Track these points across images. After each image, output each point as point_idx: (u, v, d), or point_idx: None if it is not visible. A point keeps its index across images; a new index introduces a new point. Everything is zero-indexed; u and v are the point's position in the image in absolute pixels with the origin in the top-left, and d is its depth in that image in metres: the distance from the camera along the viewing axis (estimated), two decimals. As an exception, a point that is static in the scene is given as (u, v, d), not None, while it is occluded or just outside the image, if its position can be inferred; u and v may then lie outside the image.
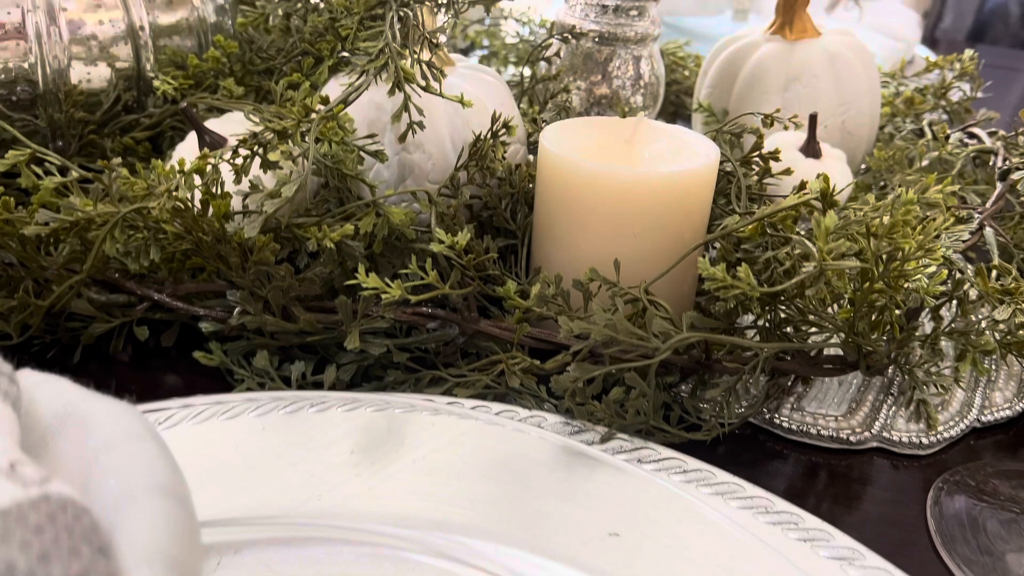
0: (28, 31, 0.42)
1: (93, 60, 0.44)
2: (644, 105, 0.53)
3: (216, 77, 0.47)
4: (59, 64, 0.43)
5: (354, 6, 0.41)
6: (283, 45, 0.46)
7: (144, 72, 0.46)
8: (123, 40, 0.45)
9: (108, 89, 0.45)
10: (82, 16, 0.44)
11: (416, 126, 0.37)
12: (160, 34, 0.47)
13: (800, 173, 0.45)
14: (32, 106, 0.44)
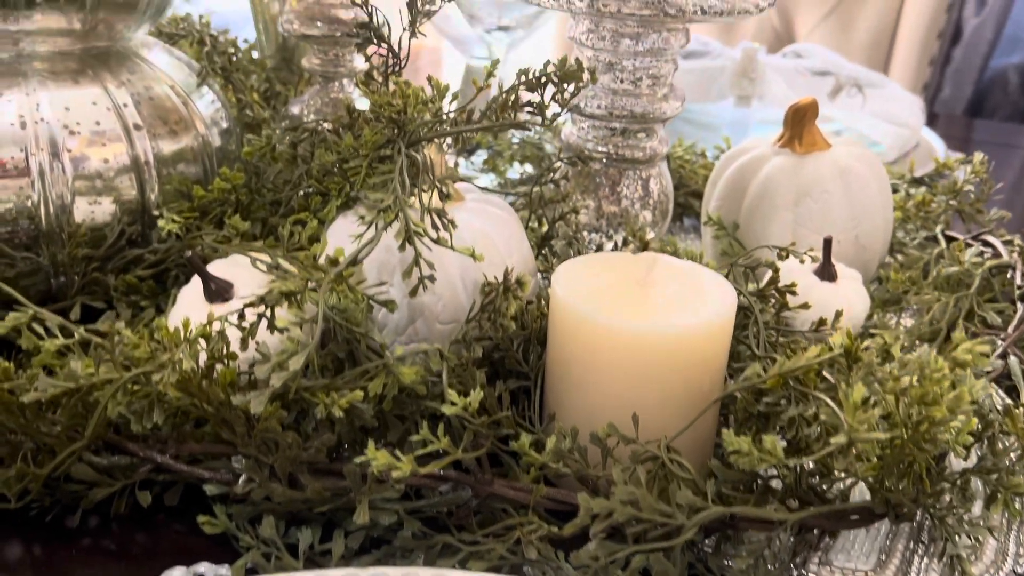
0: (31, 169, 0.42)
1: (97, 194, 0.44)
2: (654, 221, 0.52)
3: (222, 206, 0.47)
4: (63, 201, 0.43)
5: (362, 147, 0.40)
6: (289, 176, 0.46)
7: (148, 205, 0.46)
8: (127, 173, 0.45)
9: (112, 223, 0.45)
10: (85, 151, 0.43)
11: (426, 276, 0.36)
12: (164, 163, 0.46)
13: (816, 298, 0.44)
14: (35, 243, 0.43)
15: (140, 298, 0.44)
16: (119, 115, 0.44)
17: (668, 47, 0.47)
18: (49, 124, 0.42)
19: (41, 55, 0.44)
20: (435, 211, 0.37)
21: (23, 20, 0.42)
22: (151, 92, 0.46)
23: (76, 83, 0.44)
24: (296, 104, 0.52)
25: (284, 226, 0.41)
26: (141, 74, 0.47)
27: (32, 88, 0.42)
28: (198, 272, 0.39)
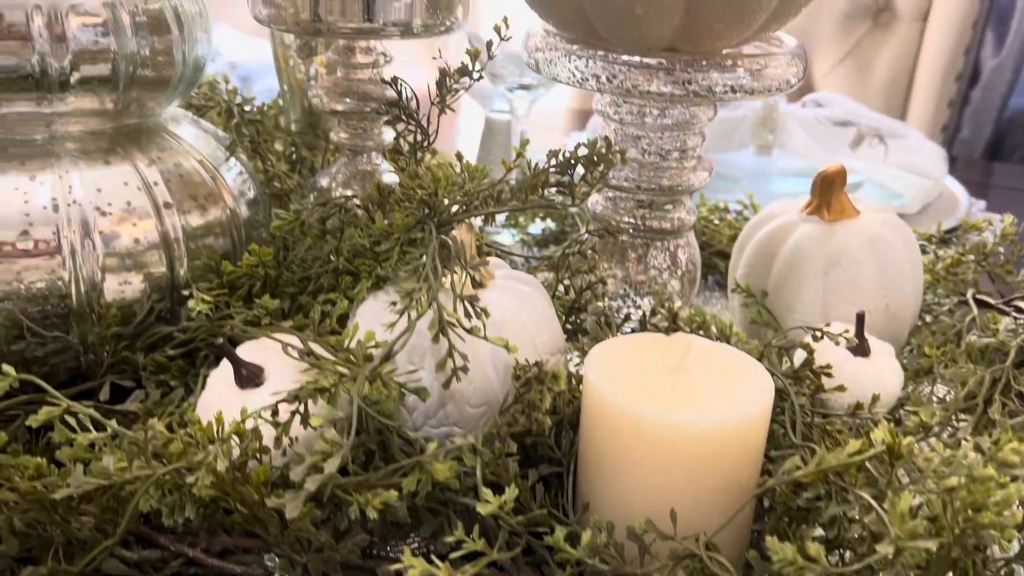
0: (63, 249, 0.42)
1: (127, 272, 0.44)
2: (682, 290, 0.52)
3: (251, 280, 0.47)
4: (93, 279, 0.43)
5: (394, 229, 0.40)
6: (319, 252, 0.46)
7: (178, 281, 0.46)
8: (156, 250, 0.45)
9: (141, 300, 0.45)
10: (116, 229, 0.44)
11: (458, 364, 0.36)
12: (193, 237, 0.46)
13: (850, 375, 0.43)
14: (65, 321, 0.43)
15: (169, 377, 0.44)
16: (149, 194, 0.44)
17: (696, 121, 0.47)
18: (81, 206, 0.42)
19: (73, 135, 0.45)
20: (468, 299, 0.36)
21: (57, 102, 0.42)
22: (181, 169, 0.47)
23: (107, 163, 0.44)
24: (324, 176, 0.52)
25: (315, 308, 0.41)
26: (171, 150, 0.47)
27: (65, 170, 0.43)
28: (229, 359, 0.39)
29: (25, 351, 0.43)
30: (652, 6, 0.39)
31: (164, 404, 0.42)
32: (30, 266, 0.41)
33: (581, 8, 0.41)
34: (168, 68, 0.45)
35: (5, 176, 0.42)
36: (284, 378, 0.39)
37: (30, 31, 0.40)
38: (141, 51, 0.44)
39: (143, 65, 0.44)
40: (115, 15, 0.42)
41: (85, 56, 0.42)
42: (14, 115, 0.42)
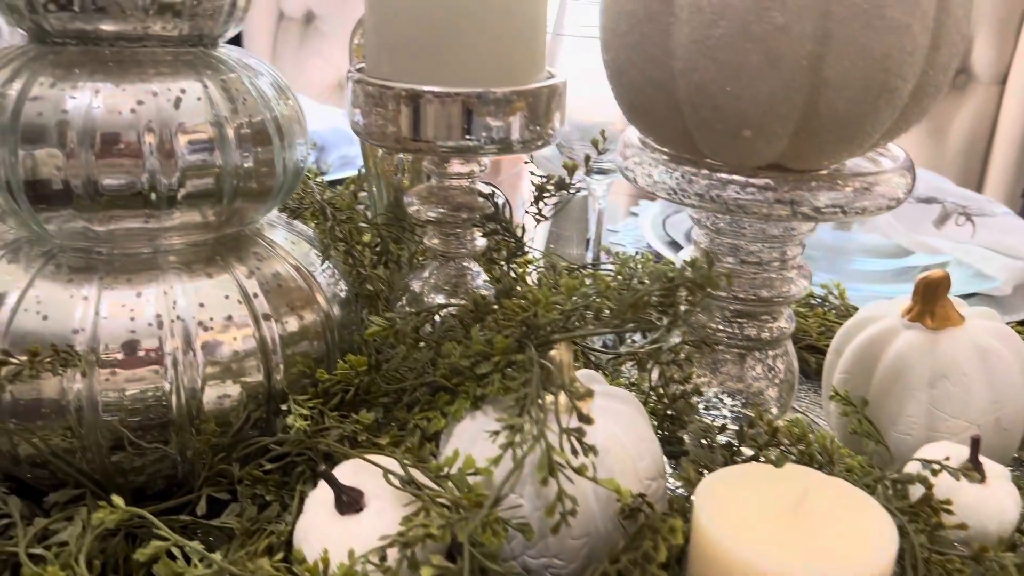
0: (165, 361, 0.42)
1: (225, 382, 0.44)
2: (779, 398, 0.50)
3: (343, 388, 0.47)
4: (194, 389, 0.43)
5: (494, 351, 0.40)
6: (413, 364, 0.45)
7: (274, 389, 0.46)
8: (254, 359, 0.45)
9: (238, 410, 0.45)
10: (216, 339, 0.44)
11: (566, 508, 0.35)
12: (289, 344, 0.46)
13: (965, 503, 0.41)
14: (164, 432, 0.43)
15: (265, 490, 0.44)
16: (249, 306, 0.45)
17: (796, 233, 0.46)
18: (184, 321, 0.43)
19: (175, 248, 0.45)
20: (575, 435, 0.36)
21: (164, 218, 0.43)
22: (279, 278, 0.47)
23: (209, 276, 0.45)
24: (415, 280, 0.52)
25: (413, 430, 0.40)
26: (268, 258, 0.48)
27: (169, 285, 0.43)
28: (331, 485, 0.38)
29: (123, 461, 0.44)
30: (761, 130, 0.38)
31: (260, 521, 0.42)
32: (132, 378, 0.42)
33: (685, 128, 0.41)
34: (270, 178, 0.46)
35: (112, 291, 0.43)
36: (385, 505, 0.38)
37: (141, 150, 0.41)
38: (245, 164, 0.44)
39: (247, 177, 0.45)
40: (221, 132, 0.43)
41: (192, 172, 0.43)
42: (122, 231, 0.43)
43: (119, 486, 0.45)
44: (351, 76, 0.46)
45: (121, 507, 0.35)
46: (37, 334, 0.42)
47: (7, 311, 0.42)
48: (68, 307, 0.42)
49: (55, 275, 0.43)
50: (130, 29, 0.43)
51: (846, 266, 0.87)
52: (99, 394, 0.42)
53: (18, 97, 0.41)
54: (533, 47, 0.45)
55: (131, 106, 0.41)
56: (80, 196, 0.41)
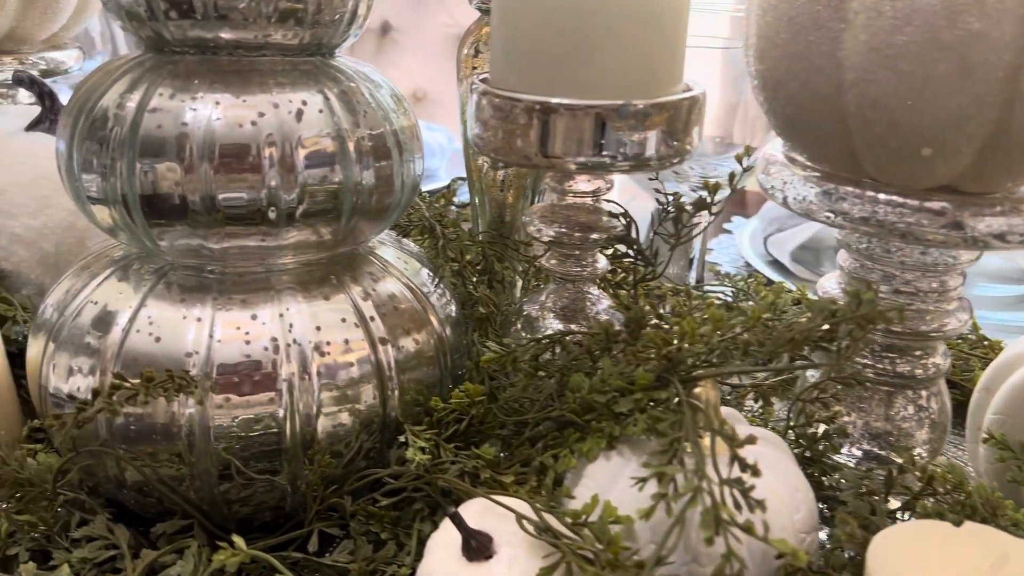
0: (280, 387, 0.40)
1: (339, 410, 0.42)
2: (930, 440, 0.46)
3: (458, 422, 0.44)
4: (309, 415, 0.41)
5: (635, 387, 0.37)
6: (535, 396, 0.42)
7: (388, 418, 0.43)
8: (369, 386, 0.42)
9: (351, 439, 0.42)
10: (332, 365, 0.41)
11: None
12: (404, 370, 0.44)
13: None
14: (275, 461, 0.41)
15: (379, 527, 0.41)
16: (366, 330, 0.42)
17: (958, 262, 0.42)
18: (300, 345, 0.40)
19: (288, 268, 0.43)
20: (734, 484, 0.32)
21: (280, 236, 0.41)
22: (395, 300, 0.44)
23: (326, 299, 0.42)
24: (531, 304, 0.49)
25: (542, 471, 0.37)
26: (383, 279, 0.45)
27: (285, 307, 0.41)
28: (459, 528, 0.35)
29: (231, 491, 0.41)
30: (943, 148, 0.35)
31: (377, 561, 0.39)
32: (246, 404, 0.40)
33: (850, 145, 0.37)
34: (388, 195, 0.43)
35: (227, 313, 0.40)
36: (518, 553, 0.35)
37: (261, 164, 0.39)
38: (364, 180, 0.42)
39: (366, 194, 0.42)
40: (342, 146, 0.41)
41: (312, 189, 0.40)
42: (236, 249, 0.41)
43: (225, 517, 0.43)
44: (475, 88, 0.44)
45: (243, 549, 0.32)
46: (150, 356, 0.40)
47: (119, 331, 0.40)
48: (181, 328, 0.40)
49: (167, 294, 0.41)
50: (250, 37, 0.41)
51: (968, 291, 0.81)
52: (211, 420, 0.39)
53: (137, 108, 0.39)
54: (673, 57, 0.41)
55: (252, 118, 0.39)
56: (197, 212, 0.39)
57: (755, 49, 0.39)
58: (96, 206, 0.41)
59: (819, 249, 0.90)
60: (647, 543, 0.36)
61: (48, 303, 0.45)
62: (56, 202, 0.55)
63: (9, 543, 0.42)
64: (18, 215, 0.55)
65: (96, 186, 0.40)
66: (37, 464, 0.43)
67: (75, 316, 0.42)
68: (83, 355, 0.41)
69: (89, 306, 0.42)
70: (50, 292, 0.46)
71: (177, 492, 0.41)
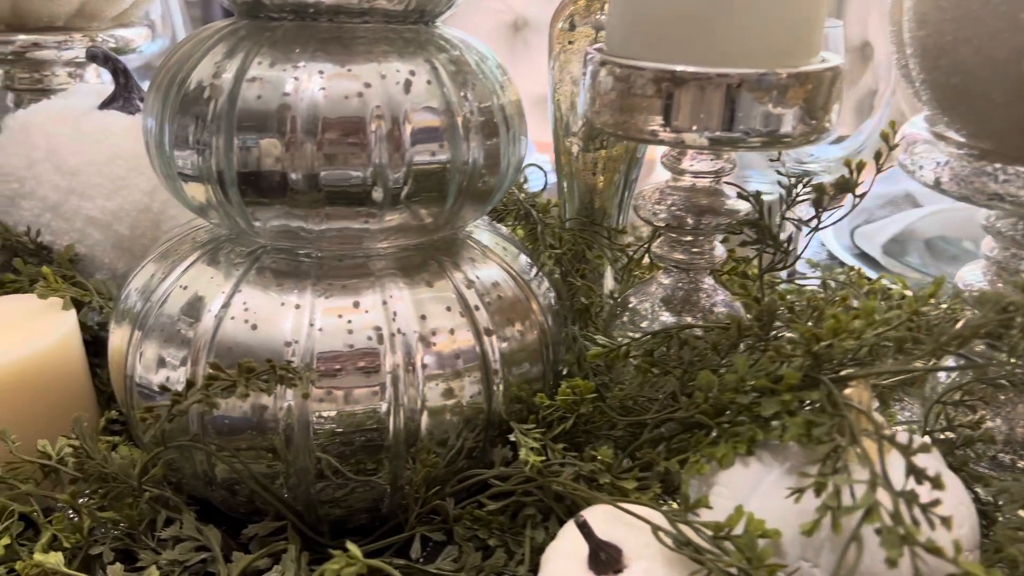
0: (384, 380, 0.37)
1: (445, 406, 0.39)
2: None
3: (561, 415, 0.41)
4: (413, 412, 0.38)
5: (781, 387, 0.33)
6: (651, 394, 0.39)
7: (493, 415, 0.40)
8: (475, 382, 0.39)
9: (455, 437, 0.39)
10: (437, 358, 0.38)
11: None
12: (509, 364, 0.40)
13: None
14: (375, 461, 0.38)
15: (486, 533, 0.38)
16: (471, 320, 0.39)
17: None
18: (405, 336, 0.37)
19: (387, 253, 0.40)
20: (909, 498, 0.28)
21: (383, 218, 0.38)
22: (498, 288, 0.41)
23: (429, 285, 0.39)
24: (637, 295, 0.45)
25: (683, 482, 0.34)
26: (484, 267, 0.42)
27: (388, 294, 0.38)
28: (587, 538, 0.32)
29: (326, 491, 0.39)
30: None
31: (487, 570, 0.36)
32: (349, 398, 0.37)
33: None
34: (494, 175, 0.40)
35: (327, 300, 0.38)
36: (654, 568, 0.32)
37: (368, 140, 0.36)
38: (472, 159, 0.39)
39: (472, 174, 0.39)
40: (451, 121, 0.38)
41: (419, 167, 0.37)
42: (334, 231, 0.38)
43: (318, 518, 0.40)
44: (590, 58, 0.40)
45: (359, 558, 0.29)
46: (245, 346, 0.37)
47: (211, 319, 0.38)
48: (279, 316, 0.37)
49: (262, 280, 0.39)
50: (353, 2, 0.37)
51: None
52: (311, 414, 0.37)
53: (234, 79, 0.36)
54: (816, 20, 0.38)
55: (358, 89, 0.36)
56: (297, 190, 0.36)
57: (913, 13, 0.35)
58: (189, 184, 0.38)
59: (906, 241, 0.86)
60: (796, 559, 0.32)
61: (131, 289, 0.42)
62: (132, 183, 0.53)
63: (91, 542, 0.40)
64: (93, 196, 0.52)
65: (190, 163, 0.37)
66: (120, 458, 0.40)
67: (162, 303, 0.40)
68: (173, 343, 0.38)
69: (177, 292, 0.39)
70: (132, 277, 0.43)
71: (270, 491, 0.38)
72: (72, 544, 0.40)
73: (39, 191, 0.53)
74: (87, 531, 0.40)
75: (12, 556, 0.41)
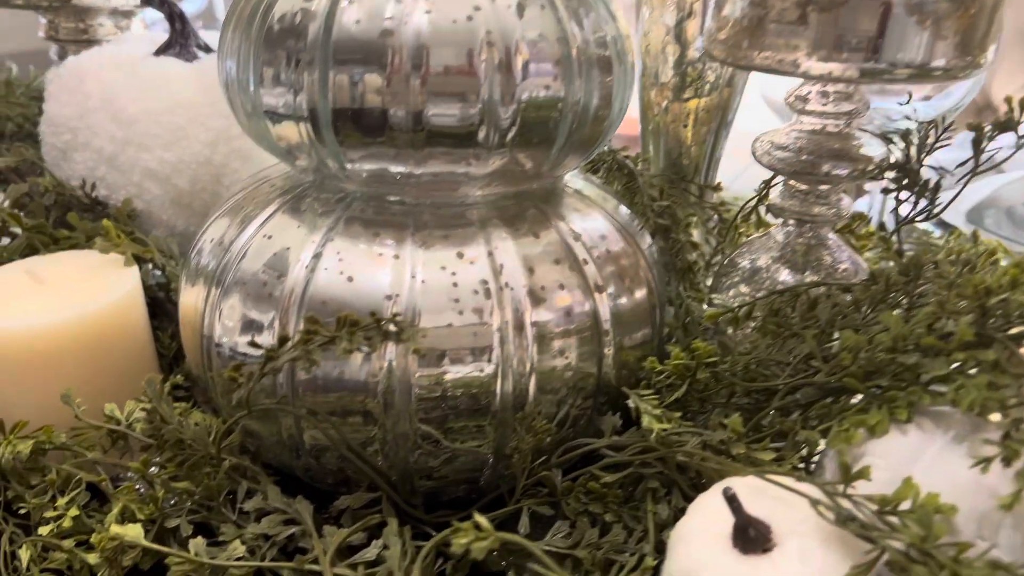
0: (492, 339, 0.34)
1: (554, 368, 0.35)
2: None
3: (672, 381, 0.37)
4: (523, 370, 0.34)
5: (951, 344, 0.29)
6: (777, 354, 0.35)
7: (603, 380, 0.37)
8: (585, 344, 0.36)
9: (564, 403, 0.36)
10: (547, 316, 0.35)
11: None
12: (618, 324, 0.37)
13: None
14: (479, 422, 0.35)
15: (601, 509, 0.34)
16: (581, 275, 0.36)
17: None
18: (513, 290, 0.34)
19: (486, 201, 0.37)
20: None
21: (489, 160, 0.34)
22: (606, 243, 0.38)
23: (536, 237, 0.36)
24: (748, 253, 0.42)
25: (842, 451, 0.30)
26: (589, 218, 0.38)
27: (493, 245, 0.35)
28: (736, 515, 0.29)
29: (425, 460, 0.35)
30: None
31: (604, 547, 0.33)
32: (454, 358, 0.33)
33: None
34: (605, 118, 0.37)
35: (428, 251, 0.34)
36: (810, 545, 0.28)
37: (477, 71, 0.32)
38: (585, 98, 0.35)
39: (583, 115, 0.35)
40: (566, 53, 0.34)
41: (529, 105, 0.33)
42: (430, 176, 0.35)
43: (412, 490, 0.37)
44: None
45: (491, 531, 0.26)
46: (341, 300, 0.33)
47: (302, 270, 0.34)
48: (376, 268, 0.34)
49: (356, 229, 0.35)
50: (457, -81, 0.34)
51: None
52: (413, 375, 0.33)
53: (329, 3, 0.32)
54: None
55: (467, 12, 0.32)
56: (398, 128, 0.33)
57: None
58: (277, 124, 0.34)
59: (986, 208, 0.81)
60: (972, 537, 0.29)
61: (202, 245, 0.39)
62: (191, 133, 0.49)
63: (165, 514, 0.37)
64: (151, 147, 0.49)
65: (279, 101, 0.34)
66: (194, 425, 0.37)
67: (242, 257, 0.36)
68: (258, 299, 0.35)
69: (260, 244, 0.36)
70: (203, 232, 0.40)
71: (365, 459, 0.35)
72: (146, 516, 0.37)
73: (94, 142, 0.50)
74: (161, 503, 0.37)
75: (79, 529, 0.38)
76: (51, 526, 0.37)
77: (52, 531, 0.37)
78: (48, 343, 0.40)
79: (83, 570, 0.36)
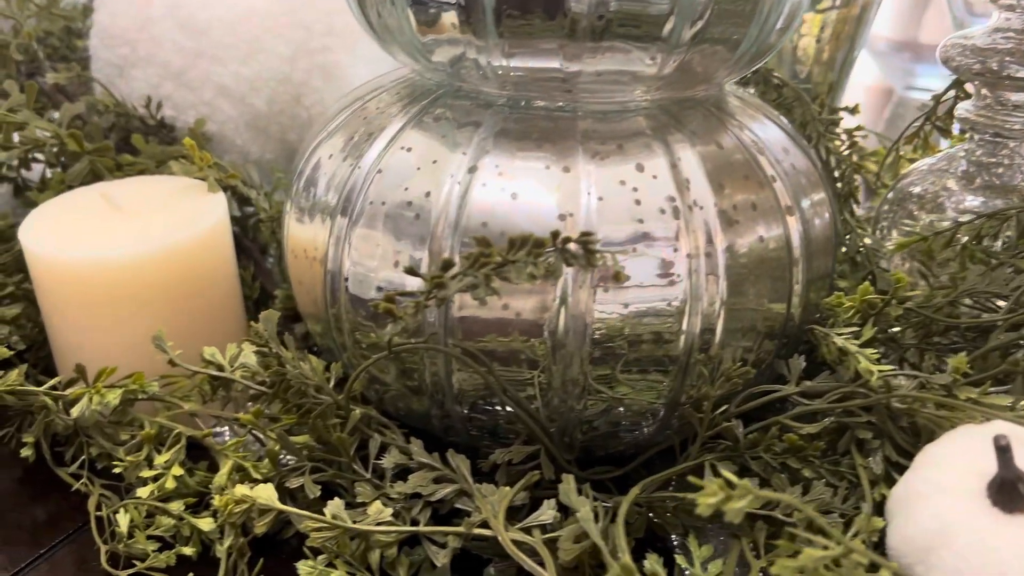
0: (679, 262, 0.28)
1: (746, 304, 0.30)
2: None
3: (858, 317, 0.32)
4: (713, 306, 0.29)
5: None
6: (1001, 289, 0.31)
7: (791, 318, 0.32)
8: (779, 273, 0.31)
9: (752, 345, 0.31)
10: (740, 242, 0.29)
11: None
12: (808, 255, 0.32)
13: None
14: (659, 365, 0.30)
15: (799, 463, 0.30)
16: (773, 194, 0.31)
17: None
18: (703, 209, 0.29)
19: (648, 106, 0.31)
20: None
21: (663, 64, 0.29)
22: (789, 157, 0.33)
23: (720, 147, 0.31)
24: (921, 177, 0.37)
25: None
26: (769, 129, 0.33)
27: (676, 156, 0.30)
28: (1005, 469, 0.24)
29: (583, 410, 0.31)
30: None
31: (814, 505, 0.28)
32: (637, 291, 0.28)
33: None
34: (789, 22, 0.31)
35: (604, 165, 0.29)
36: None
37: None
38: None
39: (770, 16, 0.30)
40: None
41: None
42: (594, 75, 0.29)
43: (571, 443, 0.32)
44: None
45: (752, 489, 0.21)
46: (505, 220, 0.28)
47: (454, 188, 0.29)
48: (545, 182, 0.29)
49: (515, 139, 0.30)
50: None
51: None
52: (589, 313, 0.28)
53: None
54: None
55: None
56: (576, 15, 0.27)
57: None
58: (422, 10, 0.29)
59: None
60: None
61: (310, 172, 0.34)
62: (268, 45, 0.44)
63: (283, 472, 0.32)
64: (225, 60, 0.43)
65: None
66: (312, 368, 0.32)
67: (371, 181, 0.31)
68: (400, 224, 0.29)
69: (397, 161, 0.31)
70: (305, 158, 0.34)
71: (525, 408, 0.30)
72: (263, 475, 0.32)
73: (158, 55, 0.44)
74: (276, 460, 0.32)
75: (180, 491, 0.33)
76: (150, 487, 0.32)
77: (152, 493, 0.32)
78: (133, 276, 0.35)
79: (193, 537, 0.31)
